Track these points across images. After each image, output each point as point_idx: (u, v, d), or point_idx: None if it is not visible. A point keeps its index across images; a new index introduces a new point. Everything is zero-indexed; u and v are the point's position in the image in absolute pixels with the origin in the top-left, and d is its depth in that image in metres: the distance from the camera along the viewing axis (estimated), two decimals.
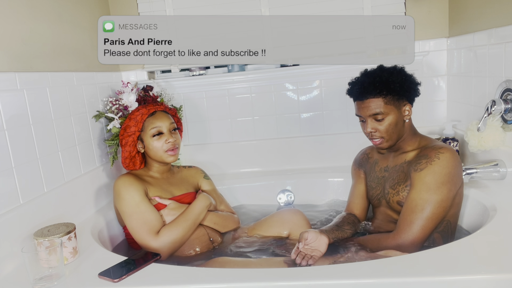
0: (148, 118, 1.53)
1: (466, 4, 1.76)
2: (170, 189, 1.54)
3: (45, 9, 1.52)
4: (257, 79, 2.10)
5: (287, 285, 0.97)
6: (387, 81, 1.31)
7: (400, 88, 1.32)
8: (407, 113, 1.35)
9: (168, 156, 1.51)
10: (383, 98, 1.32)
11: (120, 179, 1.45)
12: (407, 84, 1.34)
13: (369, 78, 1.34)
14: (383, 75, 1.33)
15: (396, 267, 0.99)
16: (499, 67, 1.50)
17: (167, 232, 1.39)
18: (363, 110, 1.35)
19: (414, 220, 1.23)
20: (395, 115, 1.33)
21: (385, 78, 1.32)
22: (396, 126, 1.34)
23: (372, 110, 1.33)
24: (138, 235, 1.39)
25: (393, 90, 1.32)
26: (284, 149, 2.14)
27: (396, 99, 1.33)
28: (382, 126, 1.34)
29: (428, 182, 1.24)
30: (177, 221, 1.42)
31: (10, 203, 1.23)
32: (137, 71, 2.15)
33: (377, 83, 1.32)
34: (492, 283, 0.92)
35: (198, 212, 1.48)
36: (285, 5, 2.02)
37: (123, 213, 1.42)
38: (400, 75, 1.34)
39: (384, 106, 1.32)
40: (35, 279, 1.05)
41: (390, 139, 1.36)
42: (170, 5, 2.07)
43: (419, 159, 1.30)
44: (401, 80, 1.33)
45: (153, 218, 1.40)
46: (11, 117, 1.27)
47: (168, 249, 1.37)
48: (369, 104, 1.33)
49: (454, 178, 1.26)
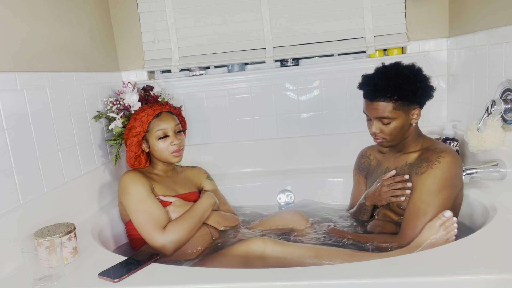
0: (153, 119, 1.53)
1: (466, 4, 1.76)
2: (175, 188, 1.56)
3: (45, 9, 1.52)
4: (257, 79, 2.10)
5: (287, 285, 0.97)
6: (400, 88, 1.27)
7: (412, 95, 1.28)
8: (415, 116, 1.33)
9: (173, 157, 1.52)
10: (393, 103, 1.28)
11: (127, 175, 1.45)
12: (420, 91, 1.29)
13: (382, 80, 1.29)
14: (398, 80, 1.27)
15: (396, 267, 0.99)
16: (499, 67, 1.50)
17: (174, 227, 1.39)
18: (371, 111, 1.33)
19: (418, 225, 1.23)
20: (402, 120, 1.31)
21: (399, 84, 1.27)
22: (401, 129, 1.33)
23: (380, 113, 1.31)
24: (144, 230, 1.38)
25: (405, 97, 1.28)
26: (284, 149, 2.14)
27: (407, 105, 1.30)
28: (388, 128, 1.32)
29: (429, 186, 1.24)
30: (184, 217, 1.43)
31: (10, 203, 1.23)
32: (137, 71, 2.15)
33: (390, 87, 1.27)
34: (492, 283, 0.92)
35: (204, 209, 1.49)
36: (285, 5, 2.02)
37: (129, 209, 1.42)
38: (415, 82, 1.28)
39: (393, 112, 1.29)
40: (35, 279, 1.05)
41: (393, 140, 1.35)
42: (170, 5, 2.06)
43: (420, 163, 1.29)
44: (415, 87, 1.28)
45: (160, 213, 1.41)
46: (11, 117, 1.27)
47: (174, 245, 1.37)
48: (378, 106, 1.30)
49: (454, 181, 1.26)
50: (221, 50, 2.10)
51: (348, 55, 2.11)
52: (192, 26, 2.09)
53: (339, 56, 2.12)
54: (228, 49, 2.09)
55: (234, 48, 2.09)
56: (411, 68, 1.32)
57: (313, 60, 2.14)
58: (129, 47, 2.13)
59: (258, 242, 1.23)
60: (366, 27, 1.99)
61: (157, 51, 2.13)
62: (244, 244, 1.26)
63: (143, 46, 2.14)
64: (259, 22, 2.06)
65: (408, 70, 1.31)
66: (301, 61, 2.15)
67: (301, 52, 2.03)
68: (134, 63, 2.15)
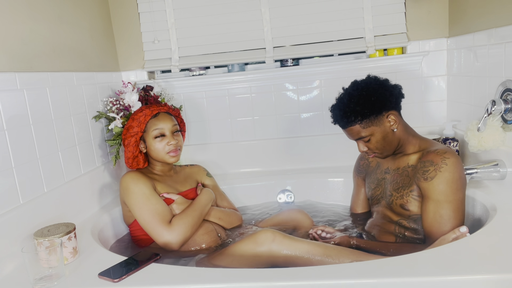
0: (151, 119, 1.54)
1: (466, 4, 1.76)
2: (175, 186, 1.57)
3: (45, 9, 1.52)
4: (257, 79, 2.10)
5: (287, 285, 0.97)
6: (355, 110, 1.31)
7: (371, 110, 1.31)
8: (392, 122, 1.34)
9: (170, 157, 1.53)
10: (359, 124, 1.33)
11: (128, 175, 1.46)
12: (378, 102, 1.31)
13: (339, 110, 1.36)
14: (350, 105, 1.32)
15: (396, 267, 0.99)
16: (499, 67, 1.50)
17: (179, 221, 1.40)
18: (349, 136, 1.40)
19: (445, 230, 1.22)
20: (379, 132, 1.34)
21: (353, 107, 1.32)
22: (385, 139, 1.35)
23: (355, 136, 1.37)
24: (150, 226, 1.39)
25: (365, 114, 1.31)
26: (284, 149, 2.14)
27: (374, 118, 1.32)
28: (371, 144, 1.36)
29: (444, 191, 1.24)
30: (186, 211, 1.45)
31: (10, 203, 1.23)
32: (137, 71, 2.15)
33: (348, 113, 1.33)
34: (492, 283, 0.92)
35: (204, 203, 1.51)
36: (285, 5, 2.02)
37: (133, 207, 1.42)
38: (368, 96, 1.31)
39: (364, 130, 1.34)
40: (35, 279, 1.05)
41: (384, 151, 1.38)
42: (170, 5, 2.06)
43: (426, 166, 1.29)
44: (370, 101, 1.31)
45: (164, 209, 1.42)
46: (11, 117, 1.27)
47: (181, 238, 1.37)
48: (350, 132, 1.37)
49: (463, 181, 1.27)
50: (221, 50, 2.10)
51: (348, 55, 2.11)
52: (192, 26, 2.09)
53: (339, 56, 2.12)
54: (228, 49, 2.09)
55: (234, 48, 2.09)
56: (363, 85, 1.35)
57: (313, 60, 2.14)
58: (129, 47, 2.13)
59: (268, 233, 1.23)
60: (366, 27, 1.99)
61: (157, 51, 2.13)
62: (253, 236, 1.25)
63: (143, 46, 2.14)
64: (259, 22, 2.06)
65: (360, 88, 1.34)
66: (301, 61, 2.15)
67: (301, 52, 2.03)
68: (134, 63, 2.15)
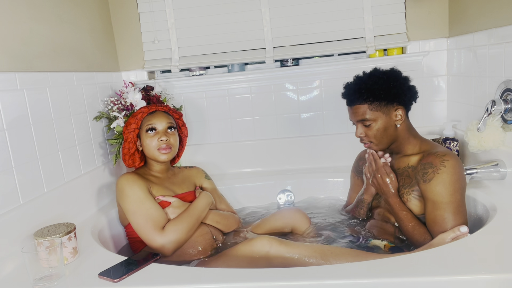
0: (147, 116, 1.55)
1: (466, 4, 1.76)
2: (172, 188, 1.55)
3: (45, 9, 1.52)
4: (257, 79, 2.10)
5: (287, 285, 0.97)
6: (371, 88, 1.33)
7: (385, 94, 1.33)
8: (398, 117, 1.35)
9: (160, 155, 1.51)
10: (368, 104, 1.34)
11: (123, 177, 1.45)
12: (395, 90, 1.34)
13: (355, 85, 1.37)
14: (369, 82, 1.34)
15: (396, 267, 0.99)
16: (499, 67, 1.50)
17: (172, 227, 1.38)
18: (352, 116, 1.40)
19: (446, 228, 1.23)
20: (383, 121, 1.34)
21: (370, 85, 1.33)
22: (385, 131, 1.35)
23: (359, 116, 1.36)
24: (143, 231, 1.38)
25: (378, 96, 1.33)
26: (284, 149, 2.14)
27: (384, 105, 1.34)
28: (371, 131, 1.36)
29: (441, 192, 1.24)
30: (182, 216, 1.43)
31: (10, 203, 1.23)
32: (137, 71, 2.15)
33: (363, 89, 1.34)
34: (492, 283, 0.92)
35: (201, 208, 1.49)
36: (285, 5, 2.02)
37: (127, 211, 1.41)
38: (387, 81, 1.34)
39: (370, 113, 1.34)
40: (35, 279, 1.05)
41: (379, 143, 1.38)
42: (170, 5, 2.06)
43: (425, 168, 1.29)
44: (388, 86, 1.33)
45: (158, 214, 1.40)
46: (11, 117, 1.27)
47: (174, 245, 1.37)
48: (356, 110, 1.37)
49: (462, 183, 1.27)
50: (221, 50, 2.10)
51: (348, 55, 2.11)
52: (192, 26, 2.09)
53: (339, 56, 2.12)
54: (228, 49, 2.09)
55: (234, 48, 2.09)
56: (385, 71, 1.39)
57: (313, 60, 2.14)
58: (129, 47, 2.13)
59: (264, 241, 1.22)
60: (366, 27, 1.99)
61: (157, 51, 2.13)
62: (248, 243, 1.24)
63: (143, 46, 2.14)
64: (259, 22, 2.06)
65: (381, 72, 1.38)
66: (301, 61, 2.15)
67: (301, 52, 2.03)
68: (134, 63, 2.15)
